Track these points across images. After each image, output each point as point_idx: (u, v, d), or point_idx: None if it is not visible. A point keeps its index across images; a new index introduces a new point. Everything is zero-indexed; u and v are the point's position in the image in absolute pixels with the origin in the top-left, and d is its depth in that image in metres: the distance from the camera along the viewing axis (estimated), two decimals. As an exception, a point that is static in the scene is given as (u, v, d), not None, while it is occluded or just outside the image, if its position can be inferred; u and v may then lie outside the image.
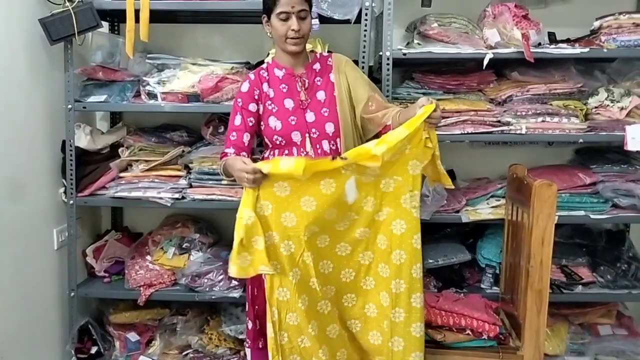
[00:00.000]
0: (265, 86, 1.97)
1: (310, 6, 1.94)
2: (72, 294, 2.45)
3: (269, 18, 1.91)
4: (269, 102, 1.96)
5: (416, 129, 1.72)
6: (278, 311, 1.77)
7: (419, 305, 1.83)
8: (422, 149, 1.77)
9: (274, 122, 1.94)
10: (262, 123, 1.97)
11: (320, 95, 1.96)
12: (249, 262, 1.74)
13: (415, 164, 1.78)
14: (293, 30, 1.86)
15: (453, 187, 2.01)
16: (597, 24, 2.34)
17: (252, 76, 2.00)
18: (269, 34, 1.96)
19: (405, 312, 1.82)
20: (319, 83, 1.97)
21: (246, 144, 1.95)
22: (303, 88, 1.96)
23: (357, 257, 1.85)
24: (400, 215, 1.80)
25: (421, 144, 1.76)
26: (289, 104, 1.95)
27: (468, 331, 2.01)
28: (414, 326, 1.83)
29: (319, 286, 1.80)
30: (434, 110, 1.72)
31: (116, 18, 2.65)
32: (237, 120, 1.96)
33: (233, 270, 1.74)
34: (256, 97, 1.97)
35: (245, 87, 1.98)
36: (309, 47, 2.12)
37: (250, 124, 1.96)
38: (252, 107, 1.96)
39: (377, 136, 1.90)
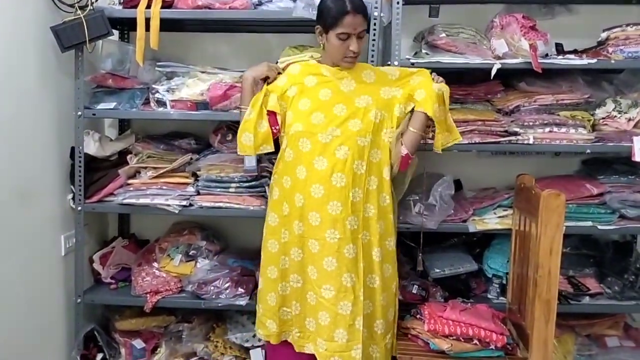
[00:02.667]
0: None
1: (368, 23, 2.02)
2: (79, 300, 2.45)
3: (325, 32, 1.94)
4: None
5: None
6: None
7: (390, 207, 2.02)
8: (413, 98, 2.01)
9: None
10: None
11: None
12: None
13: (399, 107, 2.01)
14: (352, 50, 1.92)
15: (461, 138, 2.12)
16: (604, 35, 2.35)
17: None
18: (321, 45, 2.00)
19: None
20: None
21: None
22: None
23: (330, 178, 1.95)
24: (378, 145, 1.97)
25: (412, 97, 2.01)
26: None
27: (475, 341, 2.00)
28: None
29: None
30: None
31: (126, 26, 2.67)
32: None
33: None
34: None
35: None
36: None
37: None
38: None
39: None
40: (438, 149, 2.05)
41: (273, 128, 2.01)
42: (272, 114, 2.01)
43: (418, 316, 2.16)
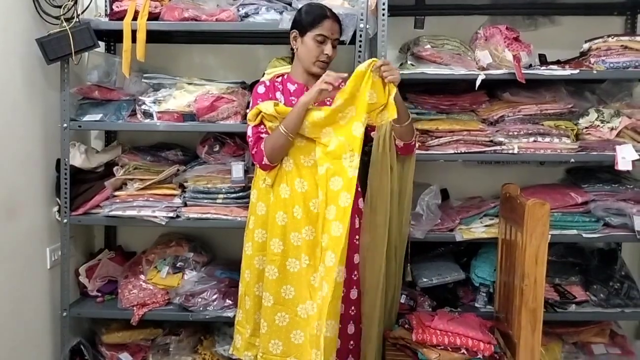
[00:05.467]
0: (278, 94, 2.04)
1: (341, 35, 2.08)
2: (65, 313, 2.43)
3: (301, 35, 1.98)
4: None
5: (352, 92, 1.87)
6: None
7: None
8: (368, 106, 1.87)
9: None
10: None
11: None
12: None
13: (358, 125, 1.87)
14: (326, 54, 1.97)
15: (395, 117, 1.91)
16: (586, 46, 2.38)
17: (267, 82, 2.08)
18: (294, 48, 2.03)
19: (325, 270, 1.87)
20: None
21: None
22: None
23: (309, 202, 1.95)
24: (339, 172, 1.89)
25: (365, 105, 1.86)
26: None
27: (463, 350, 2.01)
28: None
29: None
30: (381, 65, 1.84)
31: (113, 38, 2.68)
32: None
33: None
34: (270, 98, 2.04)
35: (261, 89, 2.06)
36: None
37: None
38: None
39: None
40: (376, 123, 1.96)
41: None
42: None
43: (406, 326, 2.16)
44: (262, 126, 1.99)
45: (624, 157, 2.24)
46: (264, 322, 2.00)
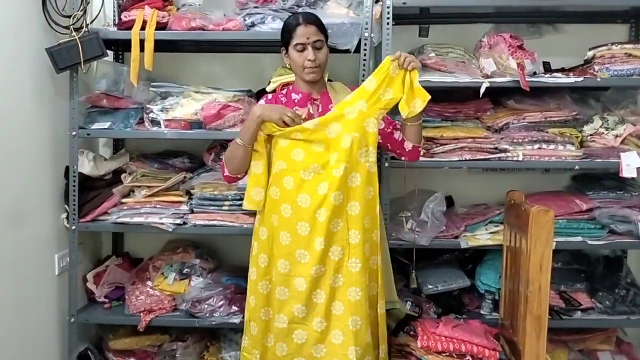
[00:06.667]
0: None
1: (326, 36, 2.02)
2: (72, 319, 2.45)
3: (287, 50, 1.99)
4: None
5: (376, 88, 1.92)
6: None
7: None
8: (382, 103, 1.93)
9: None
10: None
11: None
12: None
13: (372, 121, 1.93)
14: (309, 60, 1.95)
15: (429, 97, 1.92)
16: (590, 53, 2.39)
17: (269, 96, 2.10)
18: (287, 65, 2.04)
19: (360, 261, 1.92)
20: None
21: None
22: (317, 110, 2.02)
23: (315, 214, 1.92)
24: (356, 168, 1.92)
25: (380, 101, 1.92)
26: None
27: (468, 357, 2.01)
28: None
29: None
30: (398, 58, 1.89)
31: (121, 47, 2.71)
32: None
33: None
34: None
35: (262, 103, 2.07)
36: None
37: None
38: None
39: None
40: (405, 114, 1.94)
41: None
42: None
43: (411, 333, 2.17)
44: None
45: (629, 165, 2.25)
46: (283, 344, 1.97)
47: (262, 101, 2.09)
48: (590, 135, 2.39)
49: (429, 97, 1.89)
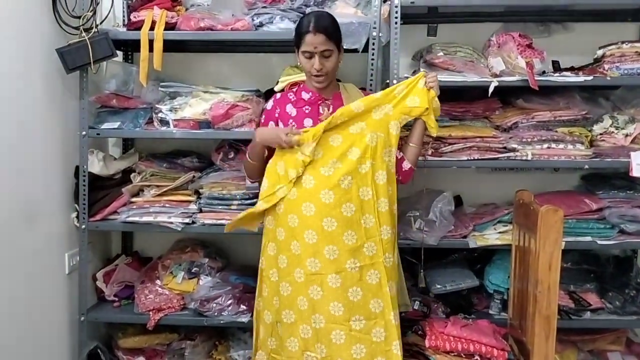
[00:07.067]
0: (289, 107, 2.07)
1: (338, 44, 2.00)
2: (82, 318, 2.47)
3: (298, 51, 2.00)
4: (290, 120, 2.04)
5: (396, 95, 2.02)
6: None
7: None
8: (407, 109, 2.02)
9: None
10: None
11: None
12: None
13: (395, 124, 2.01)
14: (315, 69, 1.95)
15: (439, 114, 2.10)
16: (600, 52, 2.38)
17: (278, 95, 2.12)
18: (299, 64, 2.05)
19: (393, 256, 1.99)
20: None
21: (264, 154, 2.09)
22: (326, 110, 2.03)
23: (340, 209, 1.93)
24: (382, 167, 1.98)
25: (406, 107, 2.02)
26: (308, 123, 2.03)
27: (477, 357, 2.01)
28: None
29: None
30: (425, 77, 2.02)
31: (130, 47, 2.73)
32: None
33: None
34: (276, 115, 2.08)
35: (269, 104, 2.12)
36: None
37: None
38: (271, 124, 2.08)
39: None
40: (434, 133, 2.09)
41: None
42: None
43: (420, 332, 2.17)
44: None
45: (639, 164, 2.23)
46: (294, 339, 1.97)
47: (269, 103, 2.11)
48: (600, 134, 2.37)
49: (438, 113, 2.07)
